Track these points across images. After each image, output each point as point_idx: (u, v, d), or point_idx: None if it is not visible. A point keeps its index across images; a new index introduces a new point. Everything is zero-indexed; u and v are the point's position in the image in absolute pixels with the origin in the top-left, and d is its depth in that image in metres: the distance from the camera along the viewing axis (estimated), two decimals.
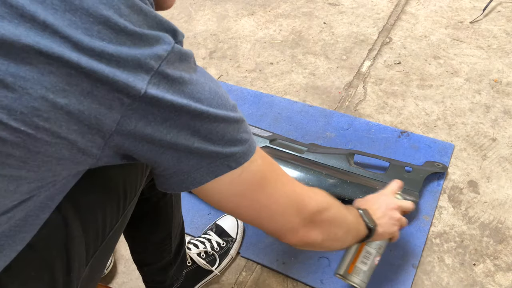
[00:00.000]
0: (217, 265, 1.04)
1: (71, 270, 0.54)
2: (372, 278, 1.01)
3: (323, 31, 1.71)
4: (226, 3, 1.91)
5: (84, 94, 0.42)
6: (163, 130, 0.47)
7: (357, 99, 1.43)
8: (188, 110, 0.47)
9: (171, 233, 0.87)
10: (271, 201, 0.59)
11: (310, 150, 1.18)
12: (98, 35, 0.41)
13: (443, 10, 1.73)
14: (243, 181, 0.55)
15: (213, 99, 0.50)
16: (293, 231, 0.63)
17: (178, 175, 0.52)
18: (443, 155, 1.24)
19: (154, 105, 0.45)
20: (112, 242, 0.65)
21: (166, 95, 0.45)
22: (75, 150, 0.44)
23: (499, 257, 1.03)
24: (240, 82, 1.54)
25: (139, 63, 0.43)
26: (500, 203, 1.13)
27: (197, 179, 0.52)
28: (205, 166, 0.51)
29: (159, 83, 0.45)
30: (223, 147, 0.51)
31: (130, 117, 0.45)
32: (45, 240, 0.51)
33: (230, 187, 0.54)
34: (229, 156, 0.52)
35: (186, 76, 0.47)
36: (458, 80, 1.45)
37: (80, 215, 0.55)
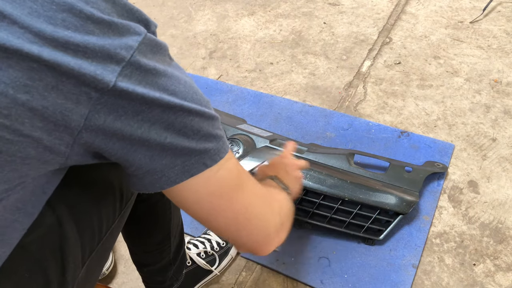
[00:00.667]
0: (217, 265, 1.04)
1: (66, 270, 0.54)
2: (372, 278, 1.02)
3: (323, 31, 1.71)
4: (226, 3, 1.91)
5: (48, 89, 0.39)
6: (134, 124, 0.44)
7: (357, 99, 1.43)
8: (161, 103, 0.45)
9: (170, 234, 0.87)
10: (248, 204, 0.56)
11: (310, 150, 1.18)
12: (62, 23, 0.39)
13: (443, 10, 1.73)
14: (219, 179, 0.52)
15: (188, 93, 0.48)
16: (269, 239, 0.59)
17: (151, 175, 0.49)
18: (443, 155, 1.24)
19: (124, 98, 0.42)
20: (109, 243, 0.64)
21: (137, 88, 0.43)
22: (41, 148, 0.42)
23: (499, 257, 1.03)
24: (240, 82, 1.54)
25: (109, 54, 0.41)
26: (500, 203, 1.13)
27: (172, 178, 0.49)
28: (180, 164, 0.48)
29: (131, 75, 0.42)
30: (197, 143, 0.49)
31: (98, 112, 0.42)
32: (39, 241, 0.50)
33: (206, 186, 0.51)
34: (204, 153, 0.49)
35: (160, 68, 0.45)
36: (458, 80, 1.45)
37: (75, 216, 0.54)
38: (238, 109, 1.43)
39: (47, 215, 0.51)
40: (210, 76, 1.58)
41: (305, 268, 1.04)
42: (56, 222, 0.52)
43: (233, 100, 1.46)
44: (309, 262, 1.05)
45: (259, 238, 0.58)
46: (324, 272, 1.03)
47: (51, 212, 0.52)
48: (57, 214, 0.52)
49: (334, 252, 1.06)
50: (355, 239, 1.08)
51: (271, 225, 0.58)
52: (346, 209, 1.07)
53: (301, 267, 1.05)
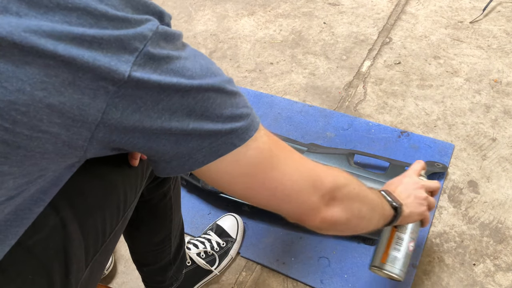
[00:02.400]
0: (217, 265, 1.04)
1: (69, 272, 0.53)
2: (372, 278, 1.01)
3: (323, 31, 1.71)
4: (226, 3, 1.91)
5: (65, 85, 0.39)
6: (154, 114, 0.44)
7: (357, 99, 1.43)
8: (179, 88, 0.44)
9: (170, 234, 0.87)
10: (284, 179, 0.54)
11: (310, 150, 1.18)
12: (77, 21, 0.39)
13: (443, 10, 1.73)
14: (250, 159, 0.51)
15: (206, 74, 0.47)
16: (313, 210, 0.57)
17: (178, 158, 0.48)
18: (443, 155, 1.24)
19: (141, 89, 0.42)
20: (112, 245, 0.64)
21: (153, 76, 0.42)
22: (59, 143, 0.42)
23: (499, 257, 1.03)
24: (240, 82, 1.54)
25: (122, 44, 0.41)
26: (500, 203, 1.13)
27: (200, 160, 0.48)
28: (207, 146, 0.47)
29: (145, 64, 0.42)
30: (223, 124, 0.47)
31: (116, 106, 0.42)
32: (43, 242, 0.50)
33: (237, 166, 0.50)
34: (231, 133, 0.48)
35: (173, 54, 0.45)
36: (458, 80, 1.45)
37: (79, 218, 0.54)
38: None
39: (51, 216, 0.51)
40: None
41: (305, 268, 1.04)
42: (60, 223, 0.52)
43: None
44: (309, 262, 1.06)
45: (302, 210, 0.57)
46: (324, 272, 1.03)
47: (55, 213, 0.51)
48: (61, 215, 0.52)
49: (334, 252, 1.06)
50: (355, 239, 1.08)
51: (314, 198, 0.57)
52: None
53: (301, 267, 1.05)
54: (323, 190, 0.58)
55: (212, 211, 1.17)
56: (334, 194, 0.59)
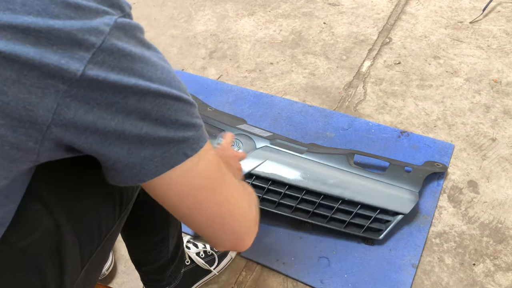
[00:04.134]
0: (216, 265, 1.04)
1: (63, 274, 0.53)
2: (372, 277, 1.02)
3: (323, 31, 1.71)
4: (226, 3, 1.91)
5: (8, 84, 0.36)
6: (107, 116, 0.41)
7: (357, 99, 1.43)
8: (136, 90, 0.41)
9: (168, 235, 0.87)
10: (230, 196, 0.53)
11: (310, 150, 1.18)
12: (22, 8, 0.35)
13: (443, 10, 1.73)
14: (201, 171, 0.49)
15: (166, 79, 0.44)
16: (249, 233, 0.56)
17: (130, 168, 0.46)
18: (443, 155, 1.24)
19: (95, 89, 0.39)
20: (109, 246, 0.64)
21: (110, 75, 0.39)
22: (6, 146, 0.39)
23: (499, 257, 1.03)
24: (240, 82, 1.55)
25: (76, 40, 0.37)
26: (500, 203, 1.13)
27: (152, 170, 0.46)
28: (159, 156, 0.45)
29: (103, 62, 0.39)
30: (176, 132, 0.46)
31: (68, 105, 0.39)
32: (36, 243, 0.50)
33: (188, 178, 0.49)
34: (183, 142, 0.46)
35: (136, 52, 0.42)
36: (458, 80, 1.45)
37: (73, 219, 0.53)
38: (238, 109, 1.43)
39: (44, 217, 0.50)
40: (210, 76, 1.58)
41: (305, 268, 1.04)
42: (54, 225, 0.51)
43: (233, 100, 1.46)
44: (309, 262, 1.06)
45: (241, 231, 0.56)
46: (324, 272, 1.03)
47: (49, 215, 0.51)
48: (55, 217, 0.51)
49: (334, 252, 1.06)
50: (355, 239, 1.08)
51: (251, 217, 0.57)
52: (346, 209, 1.08)
53: (301, 267, 1.05)
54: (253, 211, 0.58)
55: None
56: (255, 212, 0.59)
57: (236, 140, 1.20)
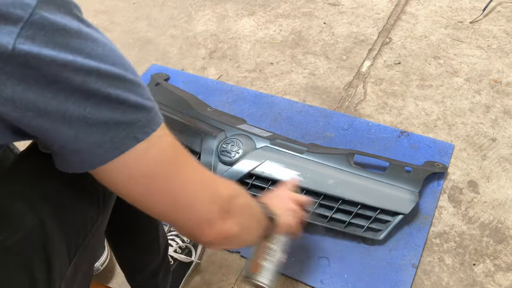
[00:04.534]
0: (194, 254, 1.06)
1: (51, 269, 0.53)
2: (372, 277, 1.01)
3: (323, 31, 1.71)
4: (226, 3, 1.91)
5: None
6: (48, 94, 0.39)
7: (357, 99, 1.43)
8: (75, 67, 0.39)
9: (159, 232, 0.87)
10: (186, 185, 0.51)
11: (310, 150, 1.18)
12: None
13: (443, 10, 1.73)
14: (152, 157, 0.47)
15: (108, 56, 0.42)
16: (210, 223, 0.54)
17: (78, 154, 0.44)
18: (443, 155, 1.24)
19: (31, 65, 0.37)
20: (95, 241, 0.64)
21: (44, 50, 0.37)
22: None
23: (499, 257, 1.03)
24: (240, 82, 1.54)
25: (0, 14, 0.36)
26: (500, 203, 1.13)
27: (101, 157, 0.44)
28: (108, 141, 0.43)
29: (34, 36, 0.37)
30: (123, 113, 0.43)
31: (4, 83, 0.37)
32: (21, 242, 0.50)
33: (138, 164, 0.46)
34: (132, 125, 0.44)
35: (72, 26, 0.40)
36: (458, 80, 1.45)
37: (58, 215, 0.53)
38: (238, 109, 1.43)
39: (28, 216, 0.50)
40: (210, 76, 1.58)
41: (305, 268, 1.04)
42: (39, 223, 0.51)
43: (233, 100, 1.46)
44: (309, 262, 1.06)
45: (199, 222, 0.54)
46: (324, 272, 1.03)
47: (33, 213, 0.51)
48: (39, 214, 0.51)
49: (334, 252, 1.06)
50: (355, 239, 1.08)
51: (213, 209, 0.54)
52: (346, 209, 1.08)
53: (301, 267, 1.05)
54: (221, 200, 0.55)
55: None
56: (229, 206, 0.56)
57: (236, 140, 1.20)
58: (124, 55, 0.46)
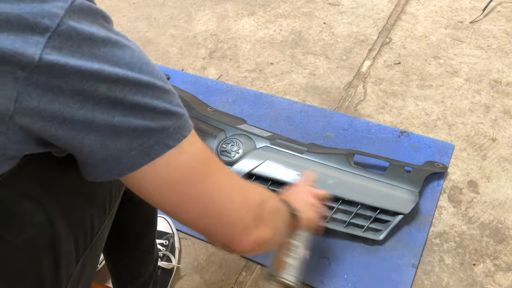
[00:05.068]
0: (173, 259, 1.07)
1: (59, 268, 0.53)
2: (372, 277, 1.01)
3: (323, 31, 1.71)
4: (226, 3, 1.91)
5: None
6: (74, 105, 0.39)
7: (357, 99, 1.43)
8: (102, 76, 0.39)
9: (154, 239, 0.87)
10: (218, 192, 0.50)
11: (310, 150, 1.18)
12: None
13: (443, 10, 1.73)
14: (184, 164, 0.46)
15: (136, 64, 0.42)
16: (246, 231, 0.53)
17: (105, 162, 0.43)
18: (443, 155, 1.24)
19: (57, 75, 0.37)
20: (101, 242, 0.64)
21: (71, 60, 0.37)
22: None
23: (499, 257, 1.03)
24: (240, 82, 1.54)
25: (27, 24, 0.35)
26: (500, 203, 1.13)
27: (130, 164, 0.43)
28: (137, 147, 0.43)
29: (61, 46, 0.37)
30: (153, 120, 0.43)
31: (30, 93, 0.37)
32: (31, 240, 0.50)
33: (169, 171, 0.46)
34: (163, 132, 0.44)
35: (99, 35, 0.39)
36: (458, 80, 1.45)
37: (66, 215, 0.54)
38: (238, 109, 1.43)
39: (37, 214, 0.51)
40: (210, 76, 1.58)
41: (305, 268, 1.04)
42: (48, 221, 0.51)
43: (233, 100, 1.46)
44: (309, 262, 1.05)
45: (234, 231, 0.52)
46: (324, 272, 1.03)
47: (42, 211, 0.51)
48: (48, 212, 0.51)
49: (334, 252, 1.06)
50: (355, 239, 1.08)
51: (247, 217, 0.53)
52: (346, 209, 1.08)
53: None
54: (254, 208, 0.54)
55: None
56: (261, 212, 0.55)
57: (236, 140, 1.20)
58: None
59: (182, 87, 1.52)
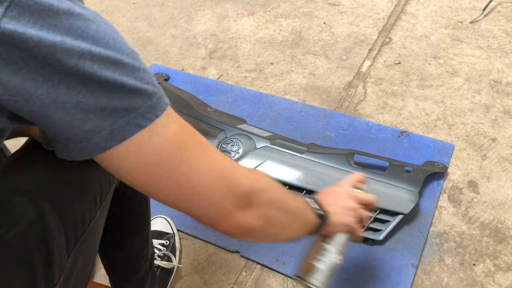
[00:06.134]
0: (174, 258, 1.07)
1: (51, 262, 0.54)
2: (372, 278, 1.01)
3: (323, 31, 1.71)
4: (226, 3, 1.91)
5: None
6: (39, 78, 0.38)
7: (357, 99, 1.43)
8: (65, 49, 0.38)
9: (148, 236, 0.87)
10: (194, 175, 0.48)
11: (310, 150, 1.18)
12: None
13: (443, 10, 1.73)
14: (155, 146, 0.45)
15: (102, 38, 0.40)
16: (227, 214, 0.52)
17: (76, 142, 0.42)
18: (443, 155, 1.24)
19: (18, 45, 0.36)
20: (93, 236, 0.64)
21: (31, 31, 0.36)
22: None
23: (499, 257, 1.03)
24: (240, 82, 1.54)
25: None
26: (500, 203, 1.13)
27: (101, 145, 0.42)
28: (107, 128, 0.42)
29: (20, 16, 0.36)
30: (121, 99, 0.41)
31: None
32: (22, 235, 0.51)
33: (141, 152, 0.44)
34: (132, 111, 0.42)
35: (61, 7, 0.38)
36: (458, 80, 1.45)
37: (57, 209, 0.54)
38: (238, 109, 1.43)
39: (28, 209, 0.51)
40: (210, 76, 1.58)
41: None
42: (39, 215, 0.52)
43: (233, 100, 1.46)
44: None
45: (214, 213, 0.52)
46: None
47: (32, 205, 0.51)
48: (39, 207, 0.52)
49: None
50: None
51: (228, 201, 0.52)
52: None
53: None
54: (239, 192, 0.52)
55: None
56: (250, 199, 0.54)
57: (236, 140, 1.20)
58: None
59: (182, 87, 1.52)
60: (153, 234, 1.10)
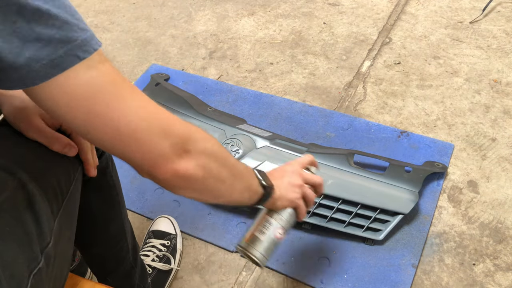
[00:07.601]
0: (173, 261, 1.06)
1: (41, 222, 0.56)
2: (372, 277, 1.01)
3: (323, 31, 1.71)
4: (226, 3, 1.91)
5: None
6: None
7: (357, 99, 1.44)
8: None
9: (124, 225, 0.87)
10: (130, 113, 0.49)
11: (310, 150, 1.18)
12: None
13: (443, 10, 1.73)
14: (92, 78, 0.46)
15: None
16: (164, 159, 0.52)
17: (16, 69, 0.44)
18: (443, 155, 1.24)
19: None
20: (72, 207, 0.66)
21: None
22: None
23: (498, 257, 1.03)
24: (240, 82, 1.55)
25: None
26: (499, 203, 1.13)
27: (41, 73, 0.44)
28: (46, 58, 0.43)
29: None
30: (59, 30, 0.43)
31: None
32: (9, 200, 0.54)
33: (79, 84, 0.46)
34: (69, 42, 0.44)
35: None
36: (458, 80, 1.45)
37: (34, 178, 0.57)
38: (238, 109, 1.43)
39: (9, 180, 0.55)
40: (210, 76, 1.58)
41: (305, 268, 1.05)
42: (20, 184, 0.55)
43: (233, 100, 1.46)
44: (309, 262, 1.06)
45: (151, 156, 0.52)
46: (324, 272, 1.03)
47: (13, 177, 0.55)
48: (18, 177, 0.56)
49: (334, 252, 1.07)
50: (355, 239, 1.08)
51: (165, 144, 0.52)
52: (346, 209, 1.08)
53: (301, 267, 1.05)
54: (174, 137, 0.53)
55: (212, 211, 1.17)
56: (187, 146, 0.54)
57: (236, 140, 1.20)
58: (124, 55, 0.46)
59: (182, 87, 1.52)
60: (156, 234, 1.10)
